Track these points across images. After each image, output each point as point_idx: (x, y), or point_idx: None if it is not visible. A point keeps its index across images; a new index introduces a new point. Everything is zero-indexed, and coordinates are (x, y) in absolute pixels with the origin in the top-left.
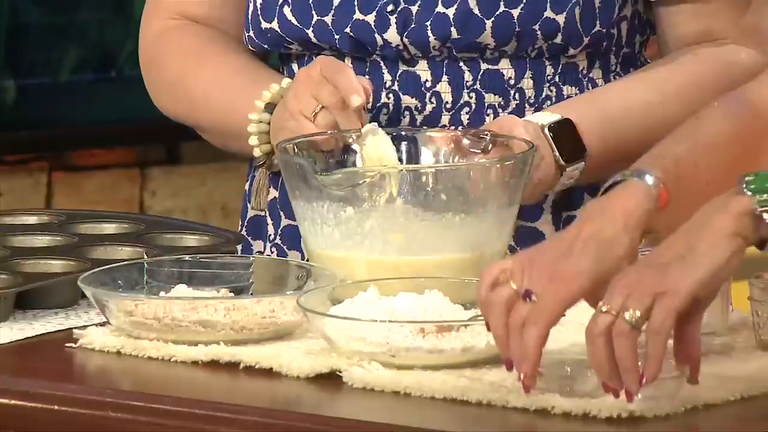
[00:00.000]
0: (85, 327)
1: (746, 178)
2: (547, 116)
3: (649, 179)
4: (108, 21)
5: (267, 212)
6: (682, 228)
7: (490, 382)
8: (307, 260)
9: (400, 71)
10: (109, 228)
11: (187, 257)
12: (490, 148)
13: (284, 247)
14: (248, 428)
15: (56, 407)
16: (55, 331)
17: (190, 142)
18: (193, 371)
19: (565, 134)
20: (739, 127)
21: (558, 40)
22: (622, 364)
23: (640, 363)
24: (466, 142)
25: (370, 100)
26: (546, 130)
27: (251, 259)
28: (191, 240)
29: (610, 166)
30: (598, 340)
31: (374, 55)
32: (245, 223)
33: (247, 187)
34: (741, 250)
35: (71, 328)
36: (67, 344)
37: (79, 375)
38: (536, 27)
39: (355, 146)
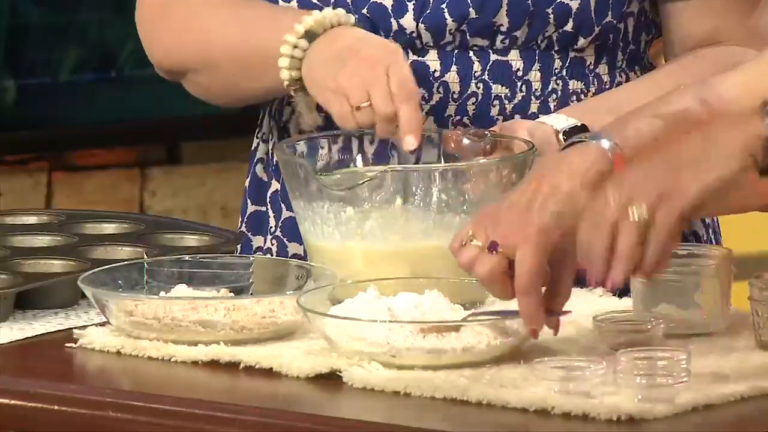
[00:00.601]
0: (85, 327)
1: (767, 108)
2: (563, 120)
3: (606, 143)
4: (108, 21)
5: (269, 205)
6: (701, 130)
7: (489, 382)
8: (305, 252)
9: (409, 61)
10: (109, 228)
11: (187, 257)
12: (489, 149)
13: (284, 240)
14: (248, 428)
15: (56, 407)
16: (55, 331)
17: (190, 142)
18: (193, 371)
19: None
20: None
21: (569, 27)
22: (617, 253)
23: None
24: (466, 142)
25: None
26: (561, 135)
27: (251, 259)
28: (191, 240)
29: None
30: (602, 228)
31: None
32: (245, 219)
33: (247, 183)
34: (750, 169)
35: (71, 328)
36: (67, 344)
37: (79, 375)
38: (549, 10)
39: (354, 145)
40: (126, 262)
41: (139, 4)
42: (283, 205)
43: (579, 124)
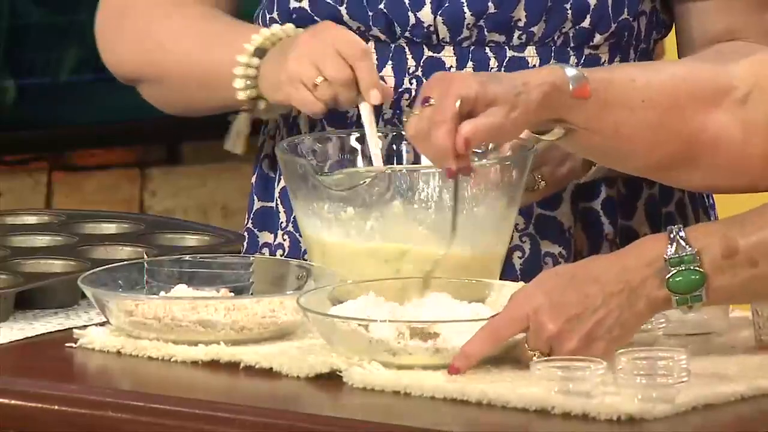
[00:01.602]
0: (85, 327)
1: (669, 272)
2: None
3: (571, 71)
4: None
5: (279, 201)
6: (616, 288)
7: (490, 381)
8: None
9: (425, 57)
10: (109, 228)
11: (187, 257)
12: (490, 148)
13: (296, 235)
14: (248, 428)
15: (56, 407)
16: (55, 331)
17: (190, 143)
18: (193, 371)
19: None
20: (692, 78)
21: (586, 23)
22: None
23: None
24: None
25: (387, 102)
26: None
27: (251, 259)
28: (191, 240)
29: None
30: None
31: (400, 39)
32: (251, 216)
33: (253, 180)
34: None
35: (71, 328)
36: (67, 344)
37: (79, 375)
38: (568, 6)
39: (355, 145)
40: (126, 262)
41: (99, 9)
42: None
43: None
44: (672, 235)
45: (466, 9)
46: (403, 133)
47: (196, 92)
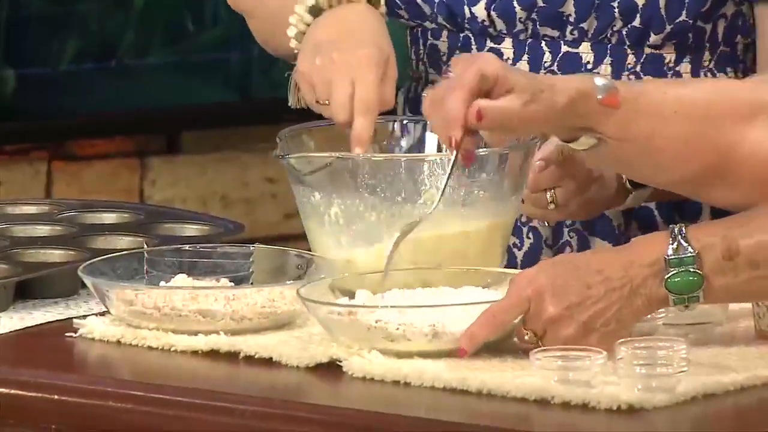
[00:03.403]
0: (85, 317)
1: (668, 272)
2: None
3: (600, 80)
4: (108, 10)
5: None
6: (618, 284)
7: (489, 371)
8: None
9: (486, 48)
10: (109, 218)
11: (187, 247)
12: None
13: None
14: (248, 418)
15: (56, 397)
16: (55, 321)
17: (190, 132)
18: (193, 361)
19: None
20: (727, 92)
21: (637, 23)
22: None
23: None
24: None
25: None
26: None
27: (251, 248)
28: (191, 229)
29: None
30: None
31: (465, 30)
32: None
33: None
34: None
35: (71, 318)
36: (67, 334)
37: (79, 365)
38: (615, 4)
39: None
40: (126, 252)
41: None
42: None
43: None
44: (673, 235)
45: (515, 3)
46: (405, 122)
47: (272, 34)
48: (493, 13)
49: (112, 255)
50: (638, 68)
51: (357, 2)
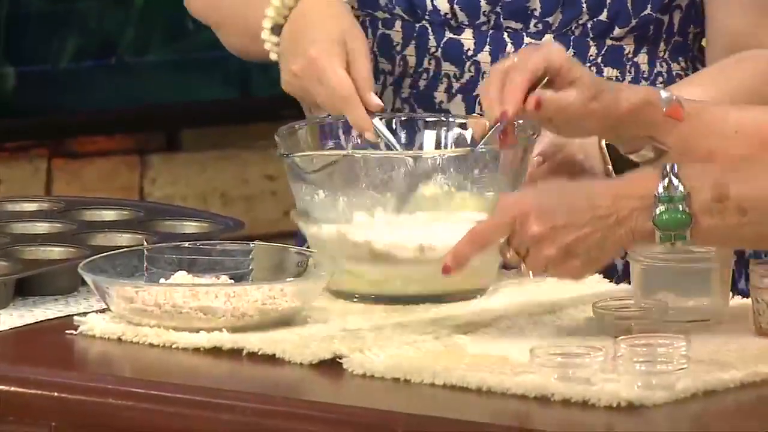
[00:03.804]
0: (85, 314)
1: (657, 208)
2: None
3: (664, 93)
4: (108, 8)
5: None
6: (605, 212)
7: (489, 368)
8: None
9: (445, 38)
10: (109, 215)
11: (186, 244)
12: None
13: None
14: (249, 415)
15: (56, 394)
16: (55, 318)
17: (189, 130)
18: (194, 358)
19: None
20: None
21: (603, 17)
22: None
23: None
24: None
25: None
26: (602, 142)
27: (251, 245)
28: (191, 227)
29: None
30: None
31: (423, 21)
32: None
33: None
34: None
35: (71, 315)
36: (67, 331)
37: (79, 362)
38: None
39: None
40: (126, 249)
41: None
42: None
43: None
44: (665, 172)
45: None
46: (403, 118)
47: (246, 41)
48: (456, 6)
49: (112, 252)
50: (599, 60)
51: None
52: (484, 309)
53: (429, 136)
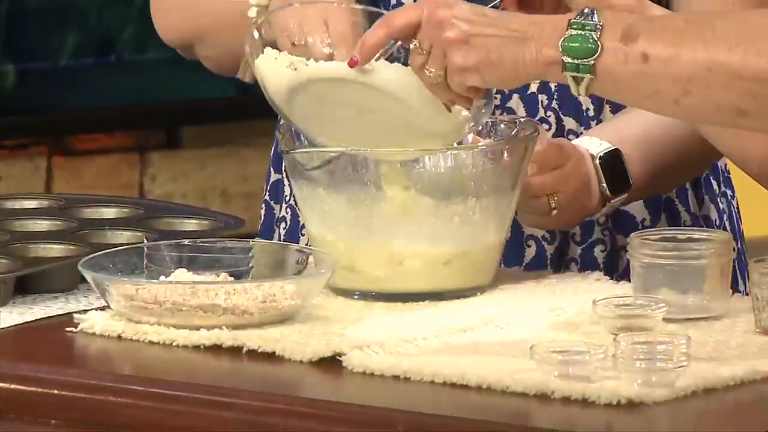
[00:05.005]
0: (85, 311)
1: (569, 32)
2: (596, 144)
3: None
4: (108, 5)
5: (284, 173)
6: (516, 26)
7: (489, 366)
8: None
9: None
10: (109, 212)
11: (186, 241)
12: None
13: (297, 209)
14: (249, 412)
15: (56, 392)
16: (55, 316)
17: (189, 127)
18: (194, 356)
19: (613, 165)
20: None
21: None
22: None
23: None
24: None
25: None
26: (596, 161)
27: (251, 243)
28: (191, 224)
29: (646, 190)
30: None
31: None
32: (268, 187)
33: (272, 151)
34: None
35: (71, 313)
36: (67, 329)
37: (79, 359)
38: None
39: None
40: (126, 247)
41: None
42: None
43: (613, 149)
44: (585, 11)
45: None
46: None
47: (236, 42)
48: None
49: (112, 250)
50: None
51: None
52: (483, 306)
53: None
